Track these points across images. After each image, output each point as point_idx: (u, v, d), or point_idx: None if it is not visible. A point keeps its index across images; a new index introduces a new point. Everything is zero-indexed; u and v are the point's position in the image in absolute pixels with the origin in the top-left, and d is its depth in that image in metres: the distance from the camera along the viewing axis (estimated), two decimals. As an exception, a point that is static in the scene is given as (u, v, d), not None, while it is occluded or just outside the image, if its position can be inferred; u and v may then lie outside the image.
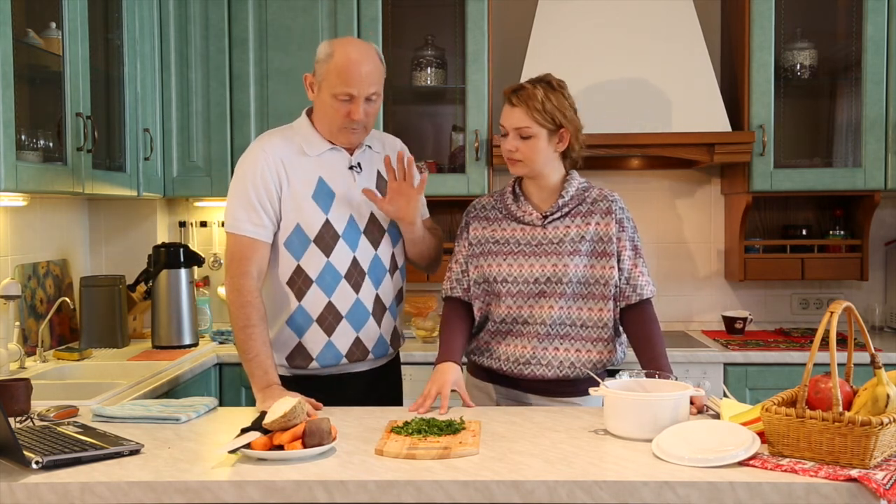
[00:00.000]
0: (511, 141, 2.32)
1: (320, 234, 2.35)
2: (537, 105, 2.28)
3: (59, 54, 2.74)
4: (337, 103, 2.30)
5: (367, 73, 2.30)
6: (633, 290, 2.33)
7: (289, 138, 2.41)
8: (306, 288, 2.36)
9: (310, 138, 2.40)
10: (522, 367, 2.35)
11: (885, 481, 1.58)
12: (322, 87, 2.32)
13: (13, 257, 3.09)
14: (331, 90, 2.29)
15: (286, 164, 2.35)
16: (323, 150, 2.40)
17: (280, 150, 2.37)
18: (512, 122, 2.32)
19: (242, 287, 2.29)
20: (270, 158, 2.34)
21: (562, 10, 3.57)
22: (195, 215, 3.92)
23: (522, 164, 2.33)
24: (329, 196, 2.37)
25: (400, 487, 1.65)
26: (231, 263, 2.33)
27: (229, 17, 3.54)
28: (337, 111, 2.31)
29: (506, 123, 2.34)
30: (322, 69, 2.32)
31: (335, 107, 2.31)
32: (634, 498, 1.63)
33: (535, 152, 2.31)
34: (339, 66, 2.28)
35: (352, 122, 2.32)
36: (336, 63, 2.28)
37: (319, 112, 2.38)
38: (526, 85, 2.33)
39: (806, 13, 3.69)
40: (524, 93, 2.31)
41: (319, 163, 2.39)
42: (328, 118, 2.35)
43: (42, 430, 1.95)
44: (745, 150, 3.44)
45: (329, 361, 2.40)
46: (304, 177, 2.36)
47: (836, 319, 1.72)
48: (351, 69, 2.27)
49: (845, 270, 3.63)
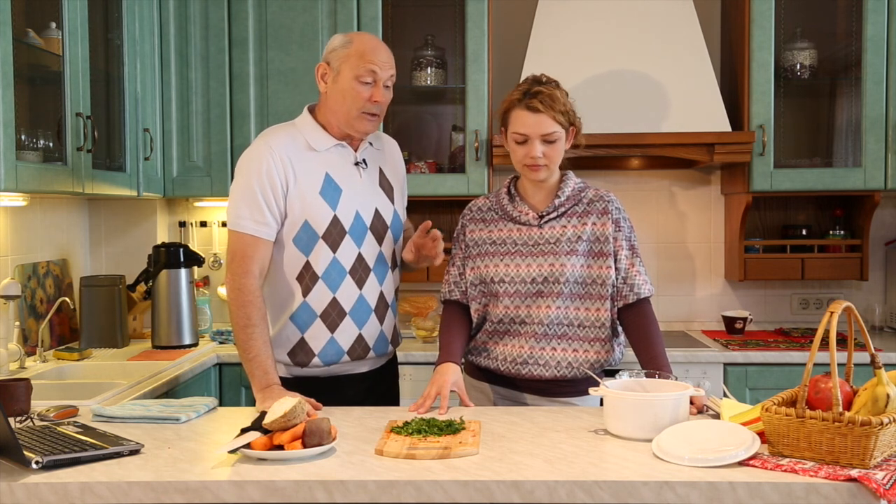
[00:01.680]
0: (538, 147, 2.28)
1: (328, 230, 2.35)
2: (560, 107, 2.27)
3: (59, 54, 2.73)
4: (360, 86, 2.32)
5: (387, 57, 2.38)
6: (631, 289, 2.33)
7: (293, 135, 2.40)
8: (312, 284, 2.36)
9: (315, 134, 2.40)
10: (520, 368, 2.35)
11: (885, 481, 1.58)
12: (342, 71, 2.34)
13: (13, 257, 3.09)
14: (353, 72, 2.32)
15: (293, 161, 2.34)
16: (329, 145, 2.40)
17: (286, 146, 2.36)
18: (539, 128, 2.27)
19: (244, 286, 2.29)
20: (276, 155, 2.33)
21: (562, 10, 3.57)
22: (195, 215, 3.92)
23: (546, 169, 2.31)
24: (336, 192, 2.37)
25: (400, 487, 1.65)
26: (233, 261, 2.32)
27: (229, 16, 3.54)
28: (359, 94, 2.33)
29: (528, 131, 2.27)
30: (341, 54, 2.34)
31: (357, 90, 2.33)
32: (634, 498, 1.63)
33: (559, 155, 2.31)
34: (361, 49, 2.34)
35: (374, 104, 2.35)
36: (357, 47, 2.34)
37: (336, 100, 2.37)
38: (542, 88, 2.29)
39: (806, 13, 3.69)
40: (544, 97, 2.27)
41: (326, 159, 2.39)
42: (347, 104, 2.35)
43: (42, 430, 1.95)
44: (744, 150, 3.44)
45: (331, 358, 2.40)
46: (311, 173, 2.36)
47: (836, 319, 1.72)
48: (374, 50, 2.35)
49: (845, 270, 3.63)
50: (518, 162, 2.33)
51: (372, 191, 2.46)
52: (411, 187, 2.95)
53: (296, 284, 2.37)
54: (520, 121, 2.29)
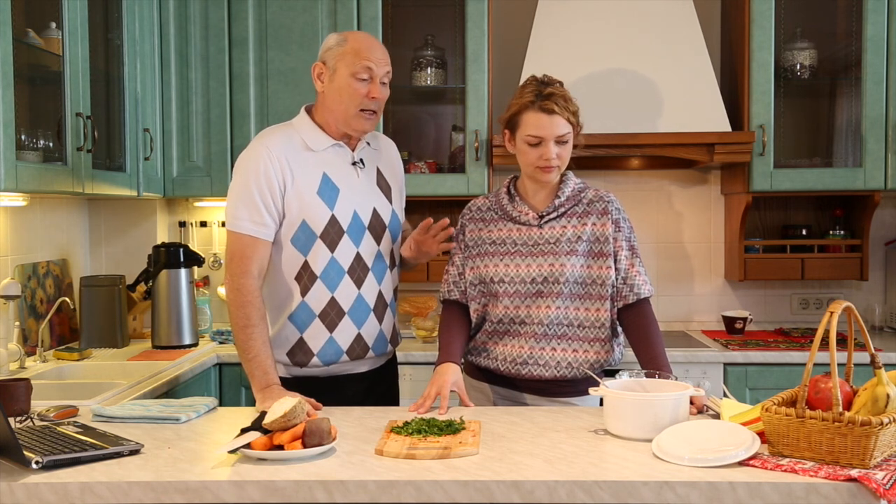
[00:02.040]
0: (553, 148, 2.27)
1: (326, 229, 2.35)
2: (572, 108, 2.29)
3: (59, 54, 2.73)
4: (356, 83, 2.33)
5: (383, 54, 2.40)
6: (631, 289, 2.33)
7: (290, 135, 2.40)
8: (311, 283, 2.36)
9: (312, 134, 2.40)
10: (520, 368, 2.35)
11: (885, 481, 1.58)
12: (338, 69, 2.34)
13: (13, 257, 3.09)
14: (350, 69, 2.33)
15: (290, 161, 2.35)
16: (326, 145, 2.40)
17: (283, 147, 2.36)
18: (554, 130, 2.26)
19: (243, 286, 2.29)
20: (274, 156, 2.33)
21: (562, 10, 3.57)
22: (195, 215, 3.92)
23: (558, 171, 2.32)
24: (334, 192, 2.37)
25: (400, 487, 1.65)
26: (231, 262, 2.33)
27: (229, 16, 3.54)
28: (356, 91, 2.33)
29: (543, 133, 2.26)
30: (336, 53, 2.35)
31: (354, 87, 2.33)
32: (634, 498, 1.63)
33: (569, 155, 2.32)
34: (357, 46, 2.35)
35: (371, 101, 2.35)
36: (352, 45, 2.35)
37: (333, 99, 2.37)
38: (554, 90, 2.28)
39: (806, 13, 3.69)
40: (558, 98, 2.27)
41: (323, 159, 2.39)
42: (345, 103, 2.35)
43: (42, 430, 1.95)
44: (744, 150, 3.44)
45: (330, 358, 2.40)
46: (308, 173, 2.36)
47: (836, 319, 1.72)
48: (369, 48, 2.37)
49: (845, 270, 3.63)
50: (530, 164, 2.31)
51: (370, 190, 2.46)
52: (411, 187, 2.95)
53: (294, 284, 2.37)
54: (534, 122, 2.27)
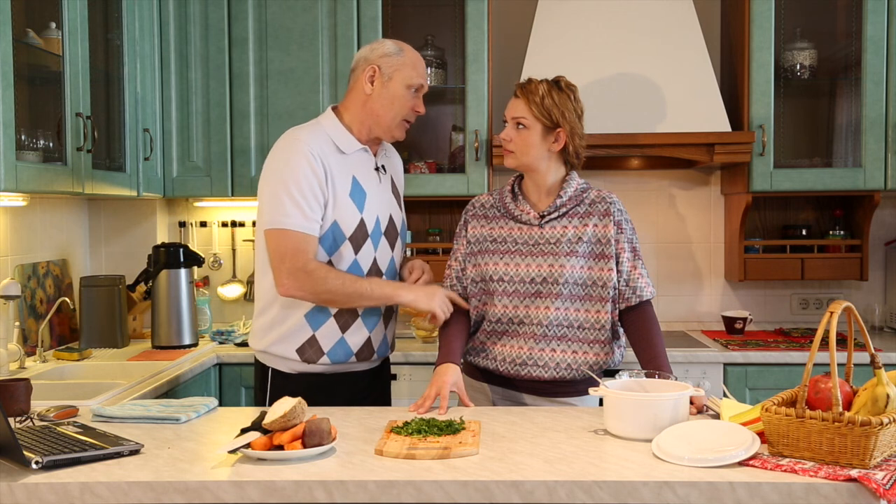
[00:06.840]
0: (508, 130, 2.37)
1: (354, 232, 2.36)
2: (536, 99, 2.32)
3: (59, 54, 2.73)
4: (409, 95, 2.40)
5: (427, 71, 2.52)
6: (633, 291, 2.33)
7: (322, 136, 2.38)
8: None
9: (342, 136, 2.40)
10: (519, 368, 2.35)
11: (885, 481, 1.58)
12: (394, 77, 2.38)
13: (13, 257, 3.09)
14: (406, 81, 2.38)
15: (327, 162, 2.34)
16: (355, 149, 2.41)
17: (320, 146, 2.35)
18: (512, 111, 2.37)
19: (312, 270, 2.27)
20: (316, 154, 2.32)
21: (562, 10, 3.57)
22: (195, 215, 3.92)
23: (513, 156, 2.37)
24: (362, 195, 2.38)
25: (400, 487, 1.65)
26: (285, 259, 2.27)
27: (229, 17, 3.54)
28: (407, 102, 2.40)
29: (507, 113, 2.39)
30: (395, 62, 2.38)
31: (406, 97, 2.39)
32: (634, 498, 1.63)
33: (527, 145, 2.34)
34: (414, 60, 2.42)
35: (415, 114, 2.43)
36: (410, 57, 2.41)
37: (382, 105, 2.38)
38: (532, 79, 2.38)
39: (806, 13, 3.69)
40: (528, 86, 2.36)
41: (353, 161, 2.40)
42: (395, 110, 2.39)
43: (42, 430, 1.95)
44: (744, 150, 3.44)
45: (340, 358, 2.40)
46: (341, 174, 2.36)
47: (835, 319, 1.72)
48: (422, 63, 2.45)
49: (845, 270, 3.63)
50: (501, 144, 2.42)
51: (387, 197, 2.49)
52: (411, 187, 2.96)
53: None
54: (507, 106, 2.40)
